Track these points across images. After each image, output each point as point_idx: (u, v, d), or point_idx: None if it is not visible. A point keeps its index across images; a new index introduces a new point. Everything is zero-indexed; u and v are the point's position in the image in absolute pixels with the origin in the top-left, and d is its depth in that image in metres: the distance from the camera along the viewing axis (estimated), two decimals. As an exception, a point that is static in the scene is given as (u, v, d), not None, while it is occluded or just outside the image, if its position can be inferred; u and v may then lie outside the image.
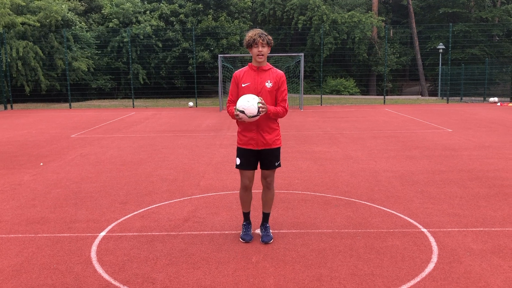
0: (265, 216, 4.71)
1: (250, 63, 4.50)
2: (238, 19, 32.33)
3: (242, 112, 4.22)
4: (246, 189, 4.60)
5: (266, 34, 4.33)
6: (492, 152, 9.26)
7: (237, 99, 4.39)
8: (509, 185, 6.67)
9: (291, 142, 10.88)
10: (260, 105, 4.23)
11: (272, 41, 4.42)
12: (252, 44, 4.32)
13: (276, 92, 4.46)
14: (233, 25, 30.97)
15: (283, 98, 4.48)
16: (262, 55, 4.34)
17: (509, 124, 13.88)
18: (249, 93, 4.35)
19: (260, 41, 4.28)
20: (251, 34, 4.33)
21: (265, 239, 4.57)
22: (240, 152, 4.54)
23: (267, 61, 4.50)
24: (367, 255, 4.23)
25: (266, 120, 4.42)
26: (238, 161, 4.55)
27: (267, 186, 4.62)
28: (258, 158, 4.55)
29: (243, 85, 4.42)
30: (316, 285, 3.66)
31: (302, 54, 20.88)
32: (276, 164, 4.58)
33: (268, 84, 4.40)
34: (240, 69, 4.57)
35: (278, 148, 4.57)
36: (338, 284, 3.68)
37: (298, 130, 13.03)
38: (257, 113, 4.22)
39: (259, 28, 4.74)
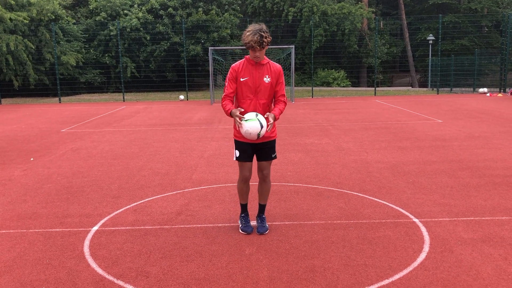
0: (262, 207, 4.78)
1: (247, 56, 4.46)
2: (228, 12, 32.15)
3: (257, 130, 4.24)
4: (246, 181, 4.65)
5: (265, 36, 4.21)
6: (481, 142, 9.34)
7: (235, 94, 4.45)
8: (499, 174, 6.74)
9: (283, 134, 10.89)
10: (270, 120, 4.27)
11: (270, 39, 4.36)
12: (249, 48, 4.29)
13: (275, 86, 4.48)
14: (223, 19, 30.80)
15: (282, 93, 4.52)
16: (259, 57, 4.34)
17: (498, 114, 14.00)
18: (247, 88, 4.39)
19: (258, 48, 4.24)
20: (250, 37, 4.20)
21: (261, 230, 4.64)
22: (239, 145, 4.56)
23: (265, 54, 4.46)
24: (359, 246, 4.26)
25: (263, 114, 4.42)
26: (237, 153, 4.57)
27: (264, 179, 4.67)
28: (255, 150, 4.58)
29: (241, 79, 4.42)
30: (309, 276, 3.69)
31: (293, 46, 20.84)
32: (273, 155, 4.63)
33: (266, 79, 4.42)
34: (238, 62, 4.53)
35: (274, 140, 4.62)
36: (331, 275, 3.71)
37: (290, 123, 13.04)
38: (261, 127, 4.23)
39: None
